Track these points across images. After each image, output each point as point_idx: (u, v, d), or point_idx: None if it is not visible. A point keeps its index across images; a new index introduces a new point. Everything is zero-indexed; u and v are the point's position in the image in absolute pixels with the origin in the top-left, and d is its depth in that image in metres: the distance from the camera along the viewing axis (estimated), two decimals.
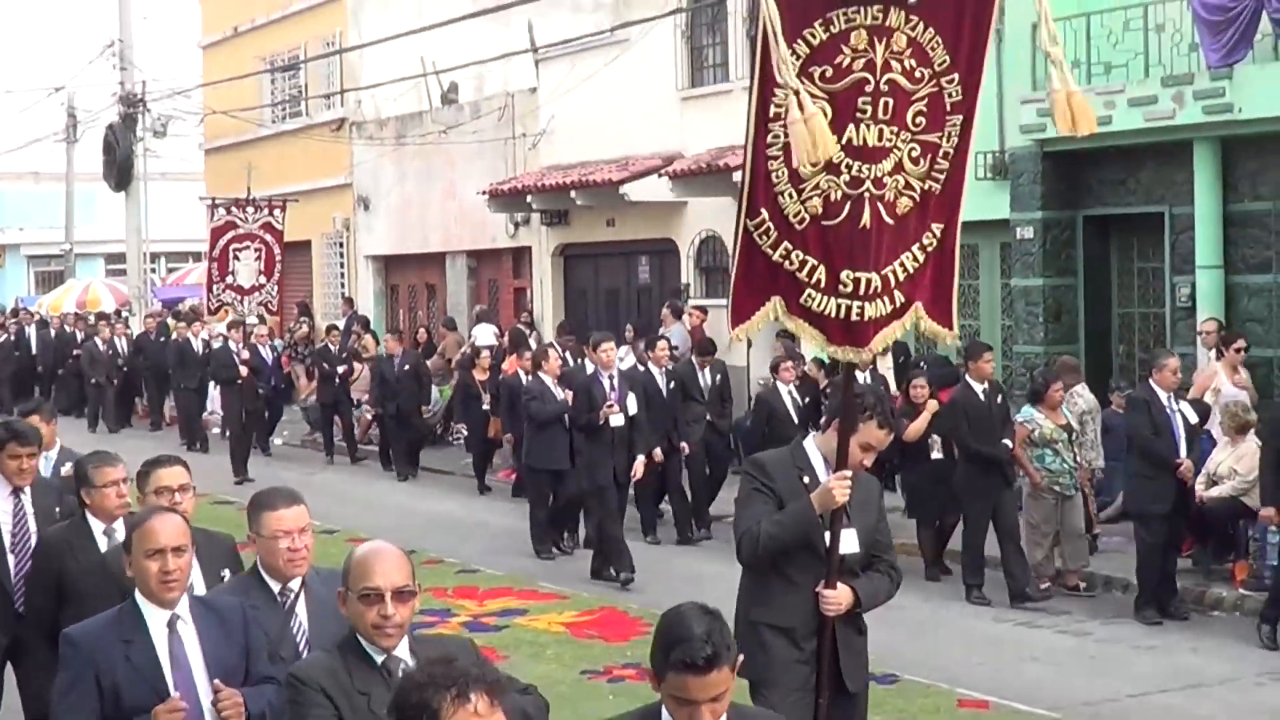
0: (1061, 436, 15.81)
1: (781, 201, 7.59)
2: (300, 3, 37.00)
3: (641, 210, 26.67)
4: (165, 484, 7.58)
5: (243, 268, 30.44)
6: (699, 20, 26.54)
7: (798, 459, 7.76)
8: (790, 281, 7.66)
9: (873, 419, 7.66)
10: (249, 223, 30.55)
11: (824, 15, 7.45)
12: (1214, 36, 17.79)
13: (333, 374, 27.91)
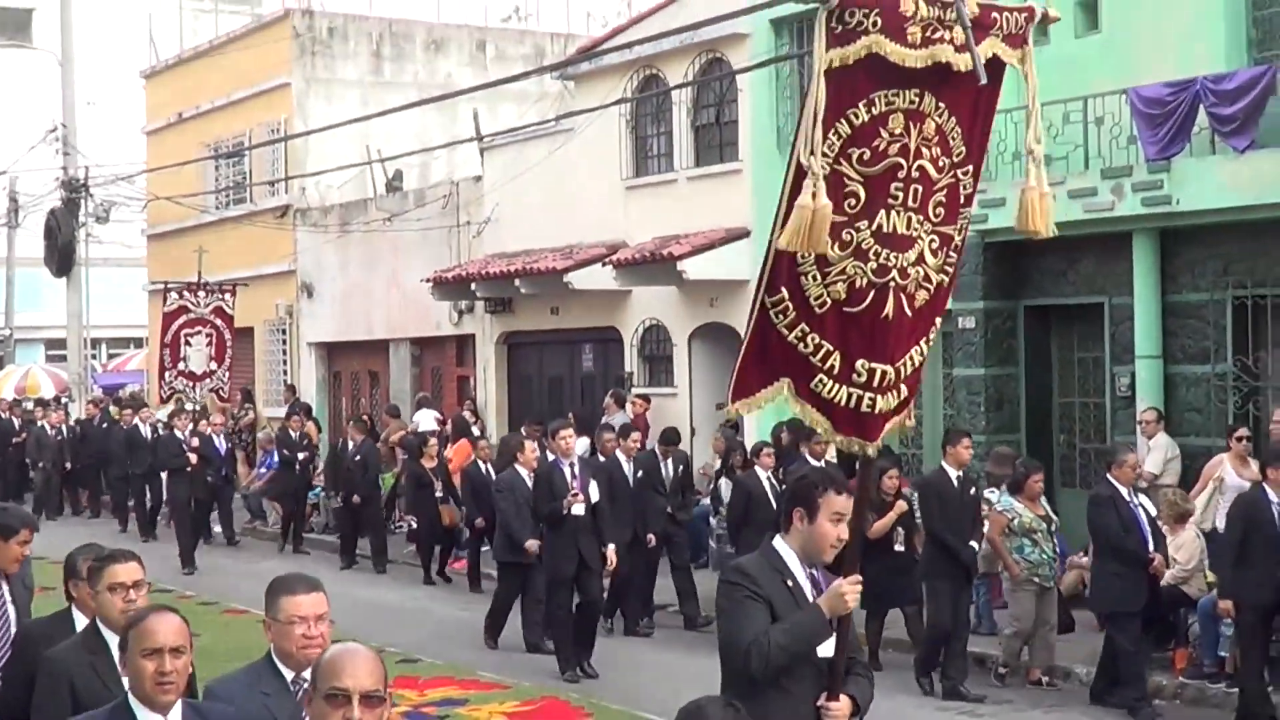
0: (1041, 527, 15.58)
1: (804, 282, 7.35)
2: (245, 89, 37.03)
3: (585, 299, 26.72)
4: (120, 580, 7.36)
5: (194, 354, 30.21)
6: (643, 110, 26.70)
7: (774, 562, 7.30)
8: (803, 365, 7.43)
9: (828, 490, 7.30)
10: (200, 307, 30.38)
11: (868, 96, 7.25)
12: (1152, 130, 18.01)
13: (293, 460, 27.72)
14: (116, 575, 7.38)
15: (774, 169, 23.53)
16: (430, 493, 23.37)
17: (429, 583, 23.33)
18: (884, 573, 16.24)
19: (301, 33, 35.99)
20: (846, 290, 7.32)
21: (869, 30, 7.13)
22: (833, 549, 7.24)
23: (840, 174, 7.19)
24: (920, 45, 7.23)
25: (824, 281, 7.32)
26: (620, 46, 24.70)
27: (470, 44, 37.64)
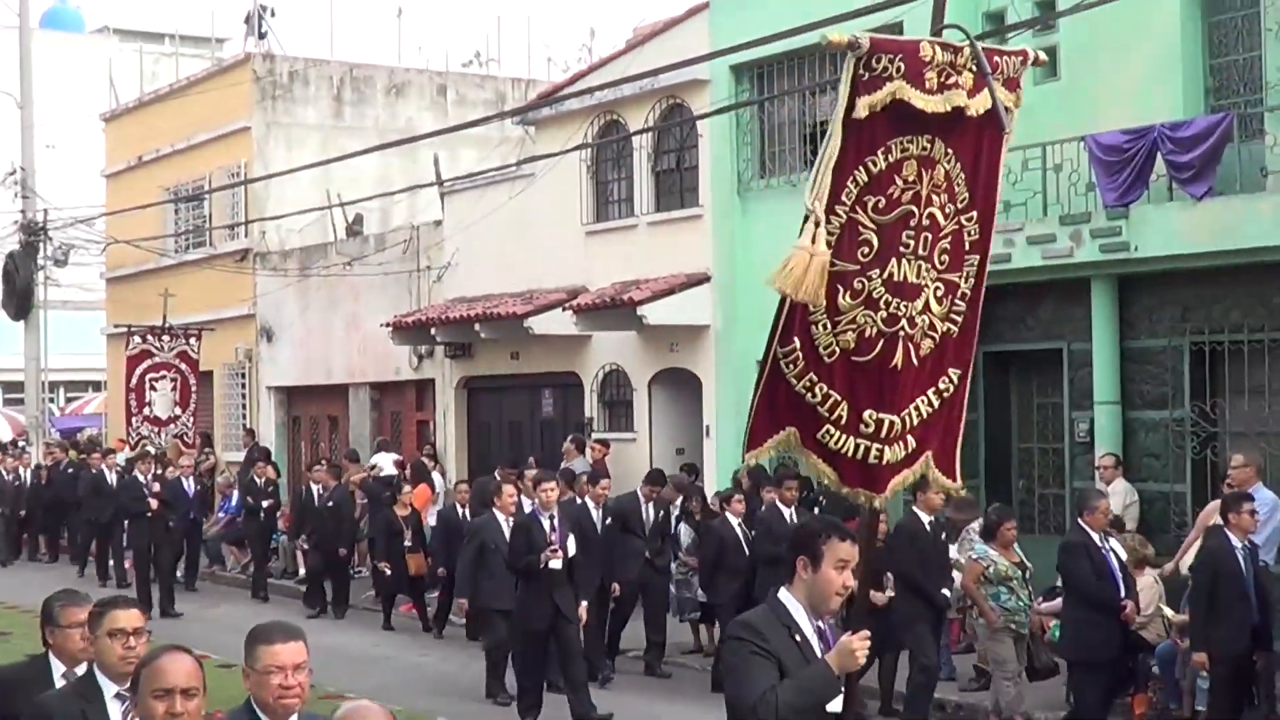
0: (1016, 574, 15.35)
1: (815, 331, 7.27)
2: (205, 133, 36.96)
3: (545, 344, 26.70)
4: (120, 626, 7.28)
5: (159, 399, 30.07)
6: (604, 156, 26.75)
7: (781, 616, 6.96)
8: (810, 414, 7.38)
9: (831, 537, 6.99)
10: (165, 351, 30.24)
11: (886, 144, 7.24)
12: (1110, 177, 18.12)
13: (257, 507, 27.27)
14: (117, 621, 7.29)
15: (734, 214, 23.67)
16: (400, 541, 23.13)
17: (388, 628, 23.18)
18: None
19: (262, 76, 35.97)
20: (856, 339, 7.28)
21: (893, 76, 7.18)
22: (838, 597, 7.01)
23: (856, 222, 7.20)
24: (937, 91, 7.30)
25: (834, 330, 7.27)
26: (581, 92, 24.78)
27: (431, 89, 37.66)
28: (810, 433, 7.44)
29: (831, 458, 7.41)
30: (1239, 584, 13.61)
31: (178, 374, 30.52)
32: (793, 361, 7.39)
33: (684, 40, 23.60)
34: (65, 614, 7.94)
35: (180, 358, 30.58)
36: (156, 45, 56.35)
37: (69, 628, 7.89)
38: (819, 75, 22.61)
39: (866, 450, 7.36)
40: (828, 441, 7.39)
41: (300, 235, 34.49)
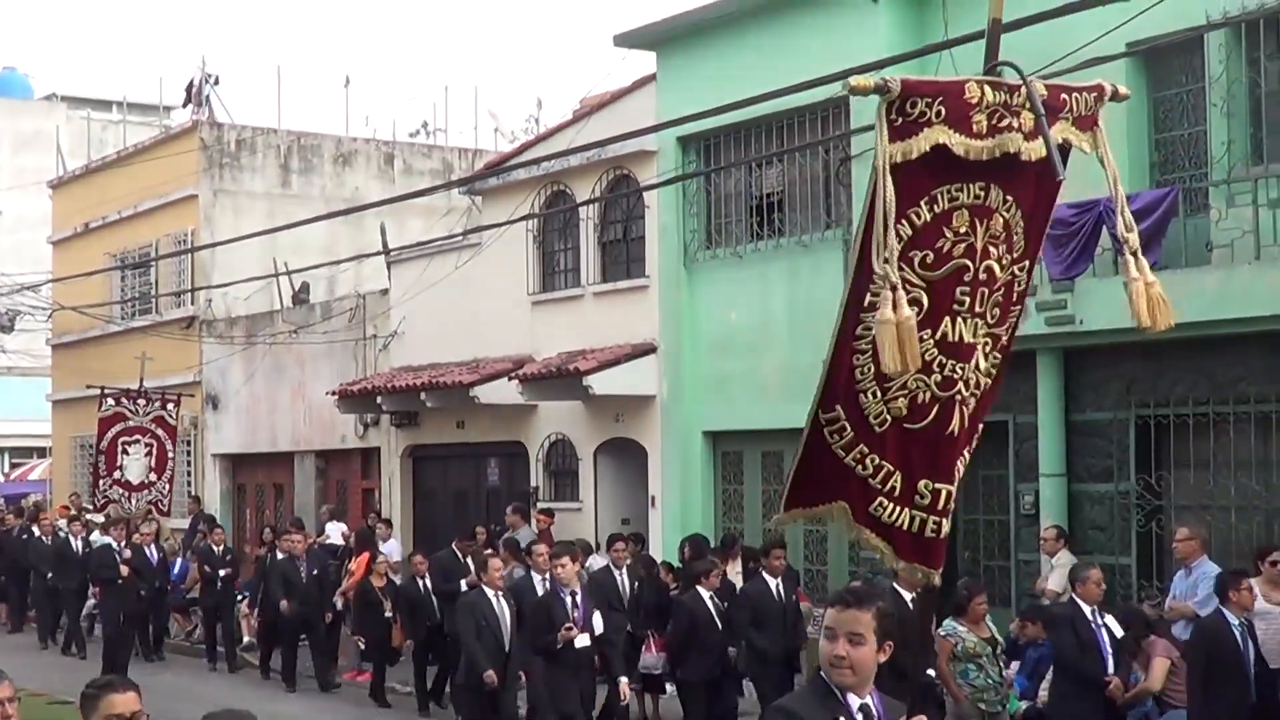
0: (986, 650, 14.80)
1: (863, 400, 6.89)
2: (152, 200, 36.86)
3: (491, 412, 26.63)
4: (117, 711, 6.71)
5: (132, 463, 29.57)
6: (550, 226, 26.76)
7: (821, 697, 6.27)
8: (860, 488, 6.90)
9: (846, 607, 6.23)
10: (140, 415, 29.75)
11: (930, 193, 6.75)
12: (1056, 250, 18.14)
13: (215, 576, 26.38)
14: (114, 706, 6.75)
15: (681, 285, 23.69)
16: (380, 611, 22.42)
17: (384, 705, 22.01)
18: None
19: (209, 144, 35.93)
20: (908, 406, 6.87)
21: (932, 121, 6.73)
22: (834, 669, 6.29)
23: (903, 280, 6.67)
24: (987, 135, 6.79)
25: (884, 398, 6.88)
26: (528, 162, 24.79)
27: (378, 158, 37.69)
28: (862, 507, 7.03)
29: (886, 531, 6.99)
30: (1236, 663, 13.32)
31: (153, 439, 29.98)
32: (838, 430, 7.03)
33: (631, 111, 23.66)
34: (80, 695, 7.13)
35: (156, 423, 30.09)
36: (104, 113, 56.28)
37: None
38: (765, 147, 22.68)
39: (923, 523, 6.94)
40: (881, 515, 6.98)
41: (246, 303, 34.37)
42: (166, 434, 30.10)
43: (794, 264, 22.36)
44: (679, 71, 23.53)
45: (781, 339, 22.39)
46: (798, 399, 21.85)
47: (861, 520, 7.04)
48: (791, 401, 22.08)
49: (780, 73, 18.60)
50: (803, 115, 21.88)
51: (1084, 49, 16.14)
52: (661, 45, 24.04)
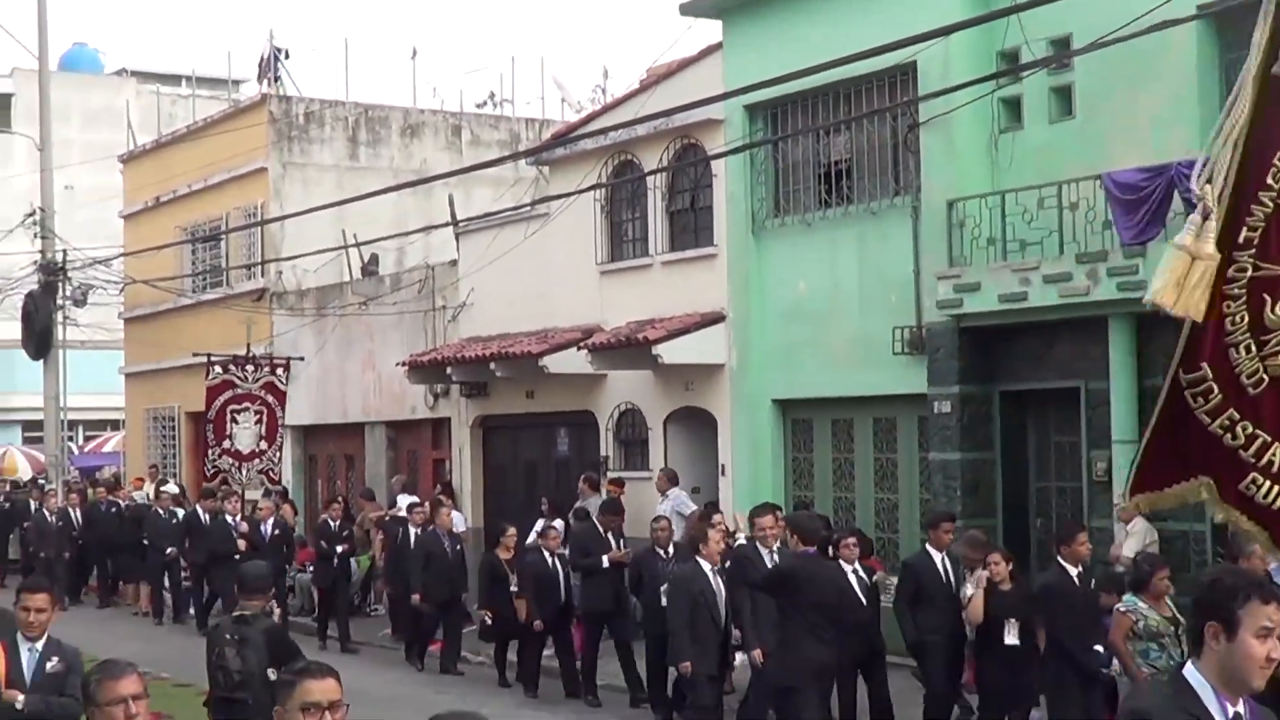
0: (1169, 630, 13.85)
1: (1234, 356, 6.04)
2: (222, 174, 37.04)
3: (561, 382, 26.66)
4: (314, 699, 6.17)
5: (242, 432, 29.02)
6: (618, 195, 26.73)
7: (1184, 700, 5.43)
8: (1229, 461, 6.10)
9: (1252, 598, 5.42)
10: (249, 382, 29.20)
11: None
12: (1127, 215, 18.04)
13: (331, 552, 25.51)
14: (310, 694, 6.18)
15: (749, 253, 23.63)
16: (505, 586, 21.16)
17: (504, 685, 21.31)
18: (996, 667, 15.30)
19: (278, 118, 36.05)
20: None
21: None
22: (1263, 671, 5.44)
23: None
24: None
25: (1261, 353, 6.04)
26: (595, 132, 24.78)
27: (446, 129, 37.73)
28: (1231, 483, 6.23)
29: (1261, 513, 6.10)
30: None
31: (263, 406, 29.26)
32: (1203, 394, 6.18)
33: (698, 80, 23.59)
34: (102, 689, 6.99)
35: (266, 389, 29.37)
36: (174, 87, 56.65)
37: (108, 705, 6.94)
38: (833, 114, 22.59)
39: None
40: (1254, 493, 6.18)
41: (316, 275, 34.50)
42: (277, 400, 29.37)
43: (862, 231, 22.29)
44: (746, 39, 23.45)
45: (850, 306, 22.33)
46: (867, 366, 21.91)
47: (1230, 499, 6.21)
48: (860, 369, 22.08)
49: (847, 39, 18.57)
50: (870, 82, 21.78)
51: (1154, 11, 16.01)
52: (728, 13, 23.96)
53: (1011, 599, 15.32)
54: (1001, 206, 19.95)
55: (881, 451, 22.57)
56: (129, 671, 7.01)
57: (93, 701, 6.97)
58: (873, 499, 22.31)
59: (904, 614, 15.97)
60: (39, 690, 10.43)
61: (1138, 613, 13.92)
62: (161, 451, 40.81)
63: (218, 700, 12.34)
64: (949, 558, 16.30)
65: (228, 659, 12.28)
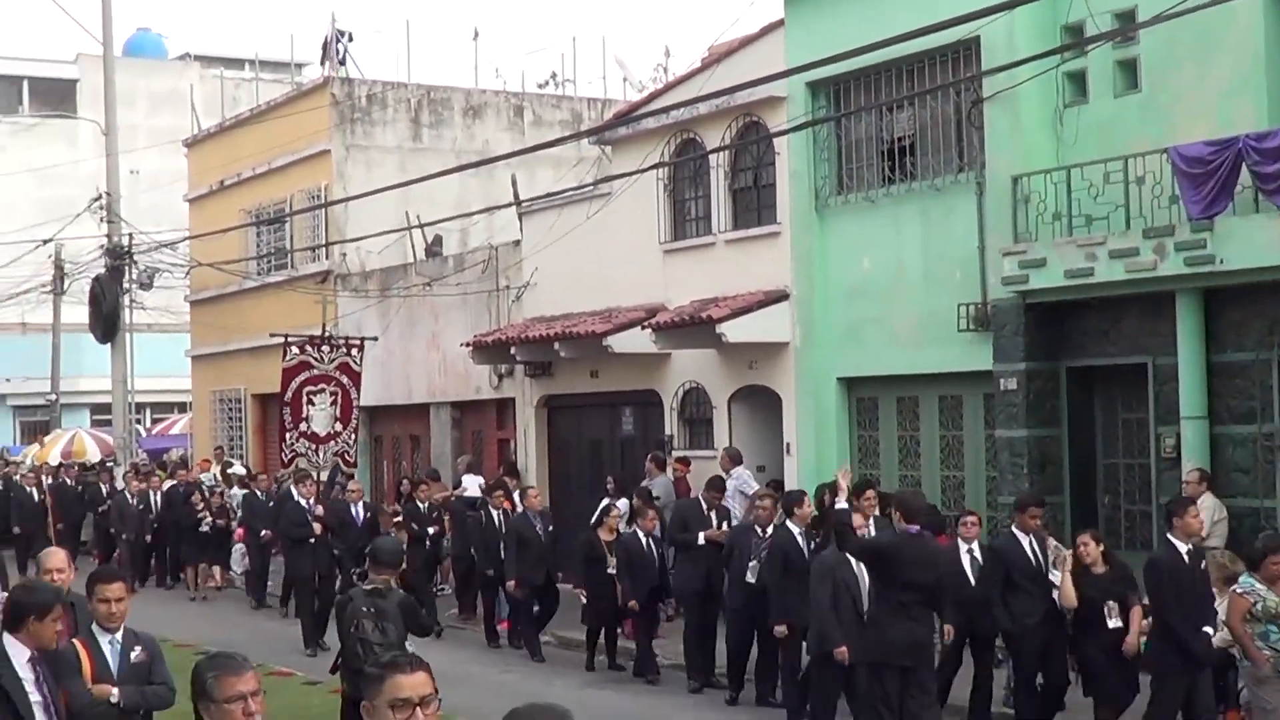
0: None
1: None
2: (285, 156, 37.18)
3: (625, 362, 26.66)
4: (404, 695, 5.84)
5: (318, 414, 28.62)
6: (681, 174, 26.68)
7: None
8: None
9: None
10: (325, 363, 28.77)
11: None
12: (1195, 189, 17.89)
13: (424, 534, 25.11)
14: (400, 688, 5.90)
15: (813, 231, 23.57)
16: (604, 568, 20.78)
17: (591, 669, 21.07)
18: (1099, 653, 14.92)
19: (341, 100, 36.16)
20: None
21: None
22: None
23: None
24: None
25: None
26: (657, 111, 24.72)
27: (508, 110, 37.76)
28: None
29: None
30: None
31: (339, 387, 28.66)
32: None
33: (760, 57, 23.52)
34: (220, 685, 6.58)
35: (342, 370, 28.75)
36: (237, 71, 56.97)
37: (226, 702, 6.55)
38: (896, 91, 22.48)
39: None
40: None
41: (380, 257, 34.62)
42: (352, 381, 28.87)
43: (926, 208, 22.19)
44: (808, 16, 23.35)
45: (915, 283, 22.24)
46: (932, 344, 21.82)
47: None
48: (926, 346, 22.00)
49: (910, 14, 18.44)
50: (933, 58, 21.66)
51: None
52: None
53: (1106, 581, 14.94)
54: (1067, 181, 19.81)
55: (947, 429, 22.48)
56: (247, 667, 6.68)
57: (209, 697, 6.58)
58: (938, 477, 22.22)
59: (995, 600, 15.61)
60: (128, 682, 10.18)
61: (1255, 594, 13.46)
62: (228, 433, 41.07)
63: (355, 673, 12.45)
64: (1037, 540, 15.83)
65: (367, 631, 12.58)
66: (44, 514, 36.06)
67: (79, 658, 9.91)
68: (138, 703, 10.21)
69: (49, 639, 9.31)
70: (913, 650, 14.18)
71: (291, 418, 28.27)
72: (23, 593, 9.50)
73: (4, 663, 9.05)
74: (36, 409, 56.78)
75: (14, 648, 9.14)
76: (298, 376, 28.33)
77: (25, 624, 9.16)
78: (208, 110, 46.17)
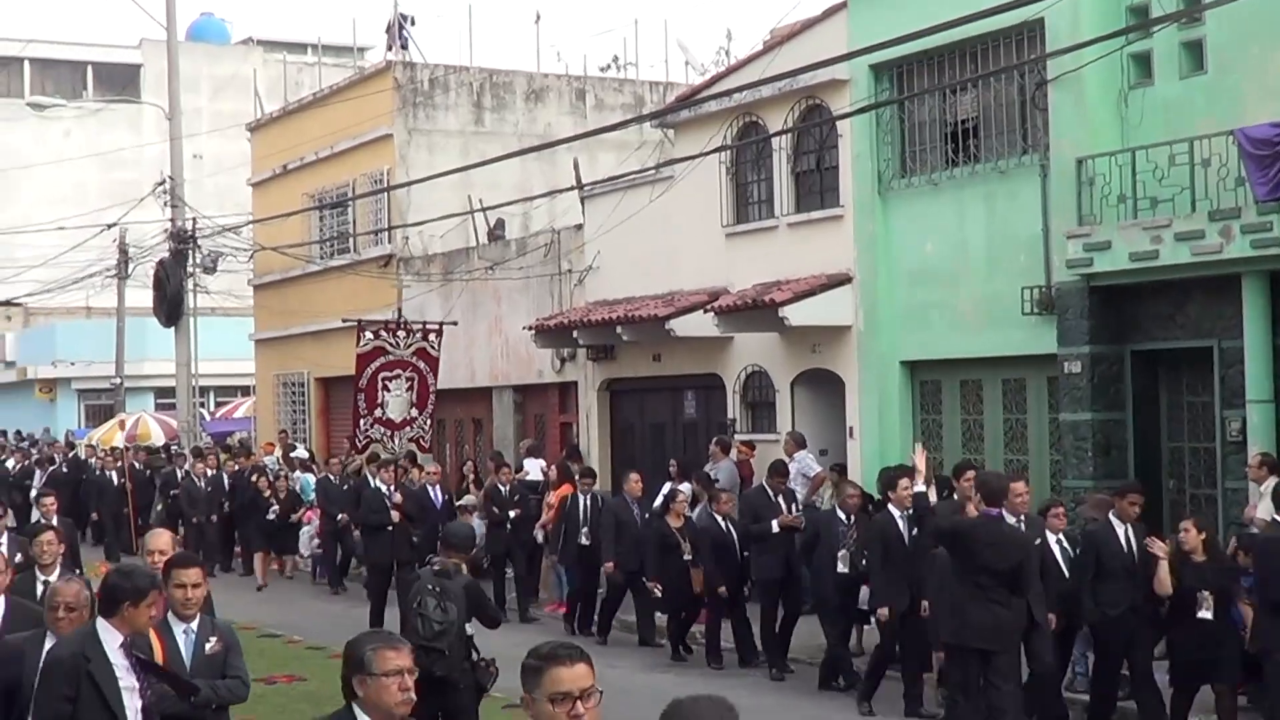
0: None
1: None
2: (348, 141, 37.31)
3: (687, 345, 26.68)
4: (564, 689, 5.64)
5: (393, 400, 28.26)
6: (743, 157, 26.66)
7: None
8: None
9: None
10: (401, 349, 28.43)
11: None
12: (1261, 170, 17.76)
13: (505, 518, 24.82)
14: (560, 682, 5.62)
15: (876, 214, 23.52)
16: (678, 555, 20.41)
17: (678, 658, 20.69)
18: (1189, 642, 14.70)
19: (403, 84, 36.26)
20: None
21: None
22: None
23: None
24: None
25: None
26: (719, 94, 24.72)
27: (570, 93, 37.79)
28: None
29: None
30: None
31: (415, 373, 28.32)
32: None
33: (823, 40, 23.48)
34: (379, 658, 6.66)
35: (419, 355, 28.39)
36: (299, 55, 57.19)
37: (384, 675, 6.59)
38: (959, 73, 22.40)
39: None
40: None
41: (443, 240, 34.72)
42: (429, 366, 28.55)
43: (990, 190, 22.11)
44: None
45: (979, 266, 22.17)
46: (996, 326, 21.75)
47: None
48: (989, 329, 21.94)
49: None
50: (997, 39, 21.58)
51: None
52: None
53: (1206, 571, 14.55)
54: (1132, 164, 19.70)
55: (1011, 413, 22.42)
56: (405, 644, 6.76)
57: (366, 669, 6.58)
58: (1002, 461, 22.15)
59: (1084, 588, 15.29)
60: (200, 674, 9.83)
61: None
62: (291, 417, 41.27)
63: (413, 649, 12.53)
64: (1133, 529, 15.32)
65: (429, 608, 12.63)
66: (124, 498, 35.69)
67: (151, 648, 9.58)
68: (209, 697, 9.84)
69: (143, 625, 9.05)
70: (994, 634, 14.06)
71: (366, 404, 27.97)
72: (119, 577, 9.03)
73: (96, 649, 8.79)
74: (101, 393, 57.14)
75: (107, 633, 8.85)
76: (373, 362, 28.03)
77: (120, 609, 8.85)
78: (270, 95, 46.41)
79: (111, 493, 35.71)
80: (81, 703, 8.61)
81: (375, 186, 36.27)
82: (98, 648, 8.77)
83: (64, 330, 61.30)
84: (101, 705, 8.66)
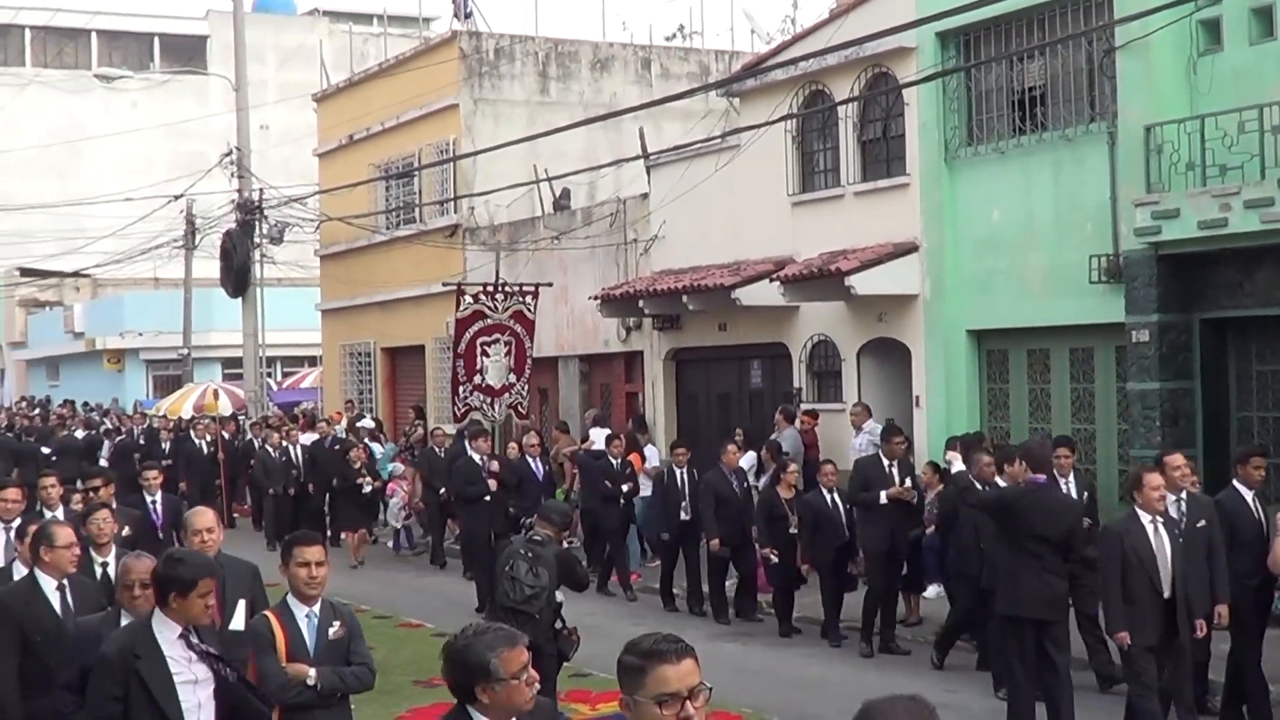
0: None
1: None
2: (414, 111, 37.42)
3: (753, 314, 26.68)
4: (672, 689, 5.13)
5: (492, 365, 27.67)
6: (810, 126, 26.62)
7: None
8: None
9: None
10: (499, 312, 27.80)
11: None
12: None
13: (616, 494, 24.01)
14: (666, 681, 5.14)
15: (942, 183, 23.45)
16: (785, 526, 19.95)
17: (785, 635, 20.20)
18: None
19: (469, 54, 36.33)
20: None
21: None
22: None
23: None
24: None
25: None
26: (785, 63, 24.66)
27: (635, 63, 37.79)
28: None
29: None
30: None
31: (512, 336, 27.70)
32: None
33: (889, 8, 23.38)
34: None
35: (516, 319, 27.76)
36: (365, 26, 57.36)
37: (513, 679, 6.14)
38: (1027, 40, 22.30)
39: None
40: None
41: (508, 210, 34.79)
42: (525, 329, 27.97)
43: (1057, 158, 22.02)
44: None
45: (1046, 234, 22.10)
46: (1063, 295, 21.67)
47: None
48: (1057, 297, 21.86)
49: None
50: (1065, 6, 21.47)
51: None
52: None
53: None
54: (1200, 131, 19.58)
55: (1078, 382, 22.35)
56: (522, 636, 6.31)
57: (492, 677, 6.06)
58: (1070, 430, 22.07)
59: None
60: (325, 661, 9.25)
61: None
62: (358, 387, 41.48)
63: (503, 610, 12.81)
64: (1260, 496, 14.47)
65: (520, 572, 12.88)
66: (216, 468, 35.06)
67: (272, 632, 9.16)
68: (335, 685, 9.31)
69: (198, 614, 8.27)
70: (1049, 604, 13.90)
71: (465, 370, 27.42)
72: (167, 565, 8.35)
73: (148, 645, 8.19)
74: (169, 363, 57.58)
75: (163, 625, 8.22)
76: (472, 326, 27.49)
77: (169, 600, 8.19)
78: (337, 65, 46.56)
79: (201, 462, 34.95)
80: (131, 701, 8.08)
81: (441, 157, 36.37)
82: (150, 643, 8.19)
83: (132, 301, 61.79)
84: (150, 703, 8.10)
